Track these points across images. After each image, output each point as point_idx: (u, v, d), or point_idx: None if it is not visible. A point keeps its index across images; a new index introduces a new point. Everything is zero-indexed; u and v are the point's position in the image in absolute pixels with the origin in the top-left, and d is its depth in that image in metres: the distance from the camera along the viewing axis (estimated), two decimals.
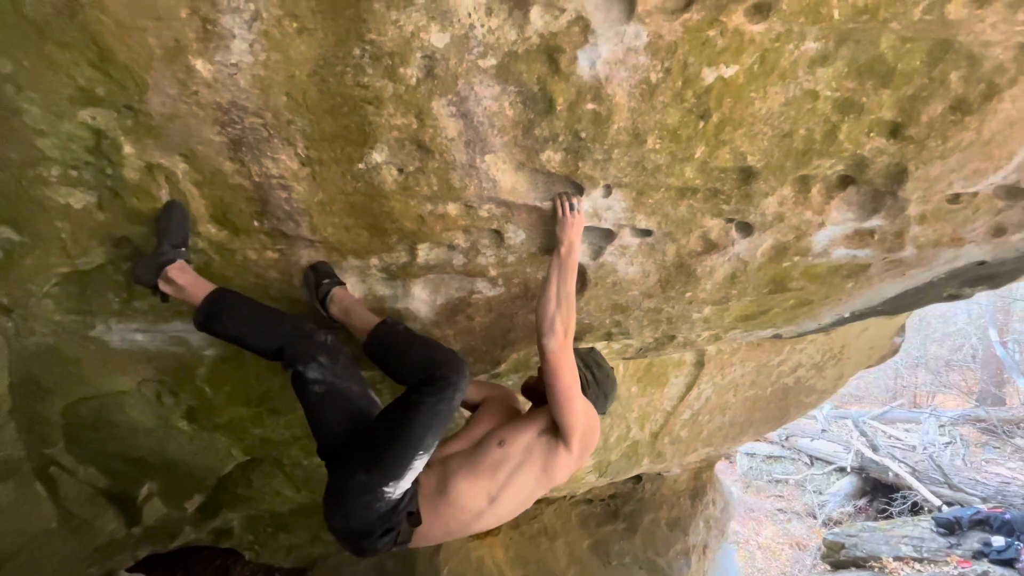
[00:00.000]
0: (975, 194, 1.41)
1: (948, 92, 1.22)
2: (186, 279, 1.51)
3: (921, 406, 12.33)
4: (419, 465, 1.43)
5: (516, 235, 1.56)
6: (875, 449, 9.84)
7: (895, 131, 1.27)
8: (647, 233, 1.51)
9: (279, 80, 1.23)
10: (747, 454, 12.18)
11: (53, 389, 2.00)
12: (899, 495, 8.68)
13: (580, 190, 1.45)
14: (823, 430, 11.73)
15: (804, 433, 11.96)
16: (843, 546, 6.27)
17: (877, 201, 1.41)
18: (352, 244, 1.58)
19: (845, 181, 1.40)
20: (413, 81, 1.26)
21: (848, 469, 10.32)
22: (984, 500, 7.38)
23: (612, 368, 1.66)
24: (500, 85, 1.26)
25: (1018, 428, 10.19)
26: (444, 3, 1.14)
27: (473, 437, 1.64)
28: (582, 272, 1.62)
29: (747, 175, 1.36)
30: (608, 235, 1.54)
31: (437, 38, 1.19)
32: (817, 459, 11.48)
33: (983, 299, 11.84)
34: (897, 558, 5.74)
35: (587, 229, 1.53)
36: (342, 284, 1.64)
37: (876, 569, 5.71)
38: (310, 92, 1.26)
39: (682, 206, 1.43)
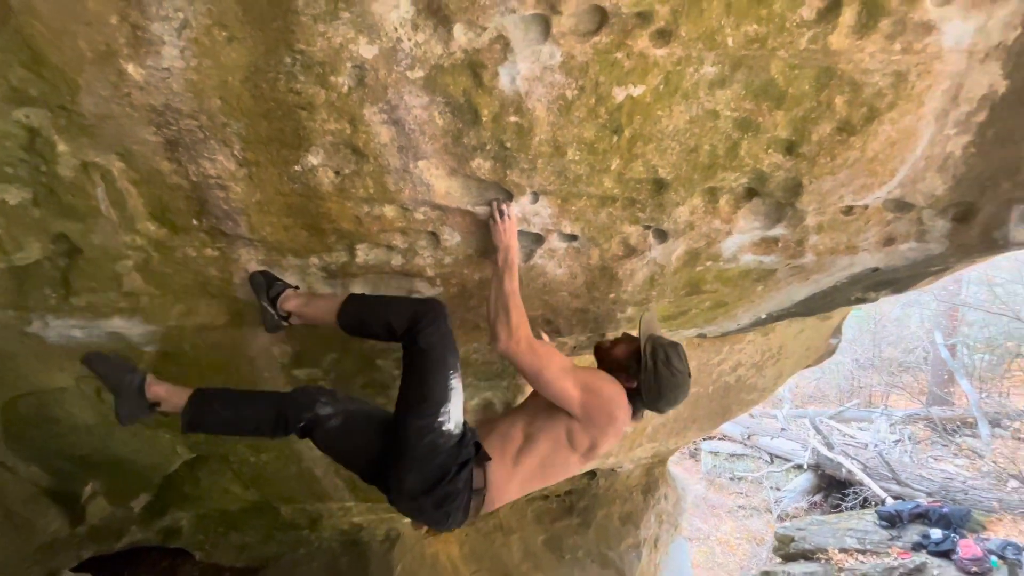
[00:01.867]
0: (866, 207, 1.55)
1: (834, 114, 1.34)
2: (165, 387, 1.67)
3: (876, 405, 12.82)
4: (458, 387, 1.55)
5: (452, 237, 1.64)
6: (830, 447, 10.21)
7: (790, 148, 1.40)
8: (573, 238, 1.61)
9: (212, 85, 1.28)
10: (711, 452, 12.51)
11: None
12: (851, 491, 9.05)
13: (510, 196, 1.53)
14: (783, 429, 12.08)
15: (765, 432, 12.30)
16: (793, 539, 6.54)
17: (779, 212, 1.54)
18: (291, 243, 1.63)
19: (750, 193, 1.52)
20: (345, 89, 1.32)
21: (805, 466, 10.67)
22: (929, 495, 7.78)
23: (685, 373, 1.59)
24: (428, 95, 1.34)
25: (963, 427, 10.74)
26: (370, 18, 1.20)
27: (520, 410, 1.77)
28: None
29: (660, 186, 1.47)
30: (538, 239, 1.63)
31: (366, 49, 1.26)
32: (777, 457, 11.81)
33: (932, 303, 12.44)
34: (842, 550, 6.02)
35: (520, 233, 1.62)
36: (295, 288, 1.69)
37: (823, 560, 5.98)
38: (244, 97, 1.31)
39: (603, 213, 1.53)
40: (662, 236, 1.59)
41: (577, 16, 1.22)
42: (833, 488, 9.83)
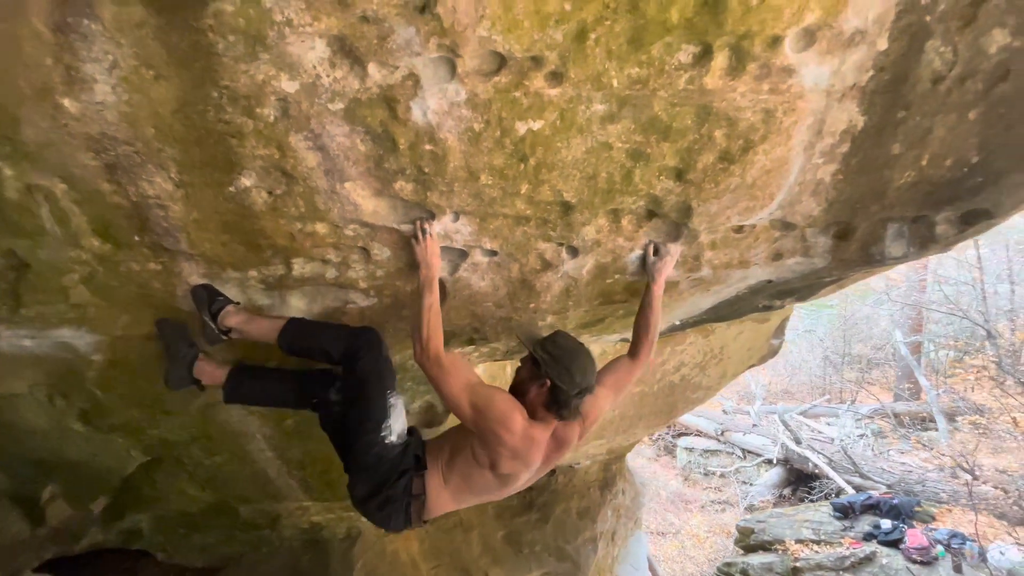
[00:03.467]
0: (754, 226, 1.71)
1: (715, 146, 1.50)
2: (210, 366, 1.91)
3: (847, 401, 13.16)
4: (397, 403, 1.74)
5: (382, 252, 1.76)
6: (798, 442, 10.53)
7: (679, 175, 1.55)
8: (494, 253, 1.74)
9: (144, 116, 1.38)
10: (686, 448, 12.79)
11: None
12: (818, 484, 9.36)
13: (433, 215, 1.66)
14: (754, 425, 12.38)
15: (738, 428, 12.61)
16: (753, 531, 6.78)
17: (676, 230, 1.69)
18: (230, 258, 1.74)
19: (650, 214, 1.67)
20: (271, 119, 1.43)
21: (775, 461, 10.97)
22: (889, 487, 8.11)
23: (575, 342, 1.66)
24: (349, 125, 1.46)
25: (924, 421, 11.15)
26: (289, 58, 1.32)
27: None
28: (443, 285, 1.83)
29: (567, 208, 1.61)
30: (462, 254, 1.76)
31: (288, 85, 1.37)
32: (749, 452, 12.09)
33: (897, 304, 12.87)
34: (799, 540, 6.27)
35: (445, 248, 1.75)
36: (236, 303, 1.80)
37: (780, 551, 6.22)
38: (175, 126, 1.42)
39: (518, 232, 1.67)
40: (573, 252, 1.74)
41: (480, 58, 1.36)
42: (801, 482, 10.15)
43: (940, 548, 5.47)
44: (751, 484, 11.08)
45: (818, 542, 6.15)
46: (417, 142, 1.48)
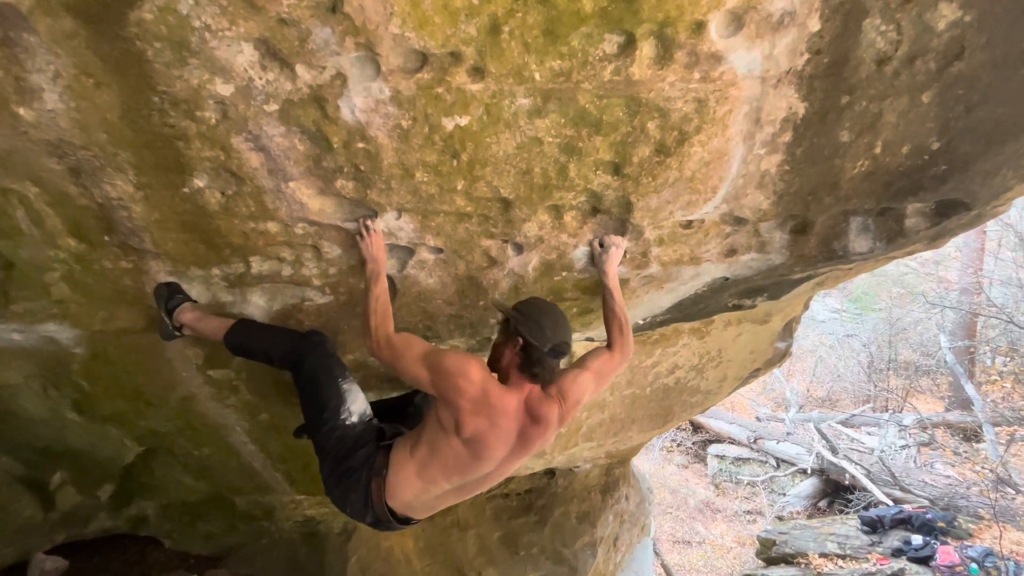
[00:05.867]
0: (702, 221, 1.65)
1: (649, 138, 1.46)
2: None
3: (892, 410, 12.50)
4: (352, 387, 1.80)
5: (332, 250, 1.80)
6: (834, 452, 10.07)
7: (616, 169, 1.52)
8: (439, 250, 1.75)
9: (94, 122, 1.47)
10: (717, 456, 12.46)
11: None
12: (855, 496, 8.90)
13: (375, 213, 1.69)
14: (788, 433, 11.94)
15: (771, 436, 12.19)
16: (775, 543, 6.51)
17: (622, 227, 1.66)
18: (192, 256, 1.82)
19: (595, 210, 1.64)
20: (212, 121, 1.49)
21: (809, 471, 10.54)
22: (932, 501, 7.63)
23: (547, 302, 1.65)
24: (285, 126, 1.50)
25: (975, 431, 10.44)
26: (219, 62, 1.37)
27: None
28: (392, 282, 1.86)
29: (506, 204, 1.60)
30: (409, 251, 1.78)
31: (223, 88, 1.43)
32: (782, 461, 11.67)
33: (940, 308, 12.09)
34: (823, 554, 5.98)
35: (392, 246, 1.78)
36: (193, 301, 1.88)
37: (803, 565, 5.95)
38: (124, 131, 1.50)
39: (460, 228, 1.67)
40: (518, 249, 1.73)
41: (403, 56, 1.37)
42: (837, 494, 9.69)
43: (973, 565, 5.10)
44: (783, 494, 10.67)
45: (843, 557, 5.85)
46: (350, 140, 1.51)
